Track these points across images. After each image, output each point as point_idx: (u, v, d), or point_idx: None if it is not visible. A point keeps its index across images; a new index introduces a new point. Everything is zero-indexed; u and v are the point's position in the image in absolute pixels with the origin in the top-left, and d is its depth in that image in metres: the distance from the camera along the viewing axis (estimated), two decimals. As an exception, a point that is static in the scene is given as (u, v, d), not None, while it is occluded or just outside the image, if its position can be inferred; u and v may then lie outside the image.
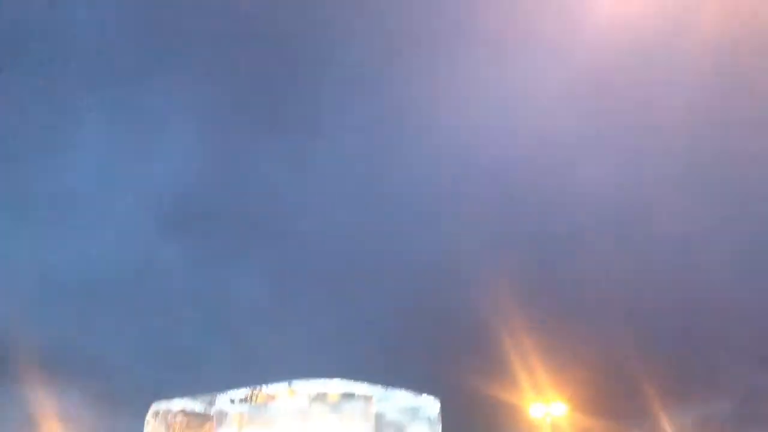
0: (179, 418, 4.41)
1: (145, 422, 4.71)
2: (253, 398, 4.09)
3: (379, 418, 4.23)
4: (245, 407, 4.01)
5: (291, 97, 42.45)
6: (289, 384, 4.38)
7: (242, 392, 4.33)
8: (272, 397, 4.18)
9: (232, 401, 4.24)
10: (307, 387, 4.57)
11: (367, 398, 4.23)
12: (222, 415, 4.07)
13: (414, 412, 4.28)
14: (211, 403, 4.46)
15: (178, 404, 4.52)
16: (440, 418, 4.47)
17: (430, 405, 4.64)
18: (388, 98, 39.99)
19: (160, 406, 4.54)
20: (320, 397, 4.39)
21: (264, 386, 4.03)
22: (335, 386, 4.20)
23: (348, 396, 4.18)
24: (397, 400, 4.49)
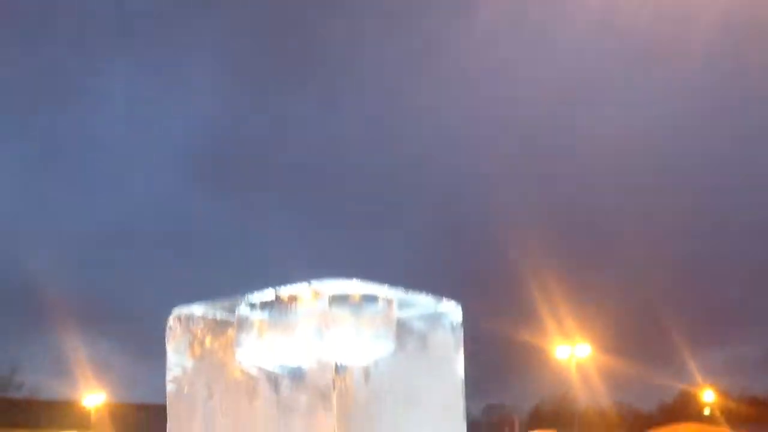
0: (201, 324, 1.16)
1: (167, 328, 1.14)
2: (273, 302, 1.06)
3: (400, 324, 1.05)
4: (266, 312, 1.02)
5: (321, 35, 43.57)
6: (309, 284, 1.04)
7: (262, 296, 1.04)
8: (293, 299, 1.00)
9: (253, 306, 1.06)
10: (327, 288, 1.01)
11: (389, 301, 1.07)
12: (243, 321, 1.04)
13: (436, 319, 1.12)
14: (232, 309, 1.13)
15: (199, 310, 1.15)
16: (462, 325, 1.19)
17: (453, 311, 1.14)
18: (422, 33, 40.31)
19: (181, 311, 1.14)
20: (341, 299, 1.03)
21: (284, 288, 1.07)
22: (355, 287, 1.03)
23: (369, 298, 1.02)
24: (418, 306, 1.14)
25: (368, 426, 0.84)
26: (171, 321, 0.96)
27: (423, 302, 0.98)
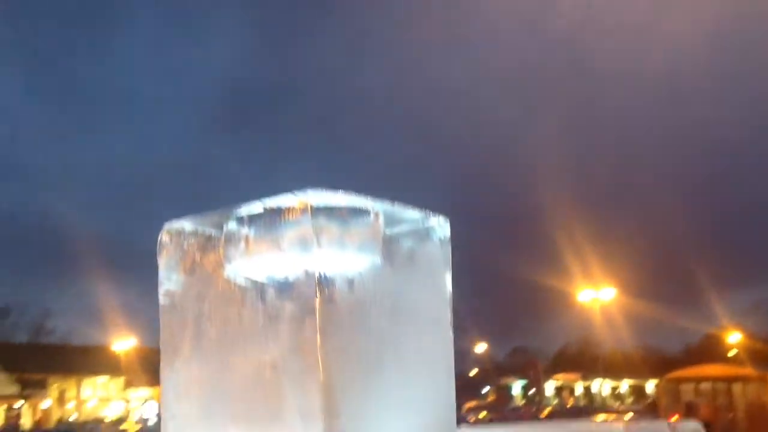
0: (191, 239, 1.14)
1: (158, 243, 1.15)
2: (260, 215, 1.09)
3: (387, 236, 1.11)
4: (253, 225, 1.06)
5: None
6: (294, 195, 1.11)
7: (249, 209, 1.07)
8: (278, 212, 1.03)
9: (240, 220, 1.09)
10: (312, 199, 1.03)
11: (376, 214, 1.11)
12: (230, 235, 1.06)
13: (424, 233, 1.18)
14: (221, 223, 1.12)
15: (189, 225, 1.15)
16: (450, 240, 1.27)
17: (441, 226, 1.21)
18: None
19: (172, 226, 1.18)
20: (326, 211, 1.05)
21: (269, 200, 1.10)
22: (342, 199, 1.06)
23: (355, 210, 1.07)
24: (406, 220, 1.17)
25: (352, 335, 0.87)
26: (162, 236, 0.98)
27: (411, 216, 0.99)
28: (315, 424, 0.82)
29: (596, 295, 32.80)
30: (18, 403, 29.60)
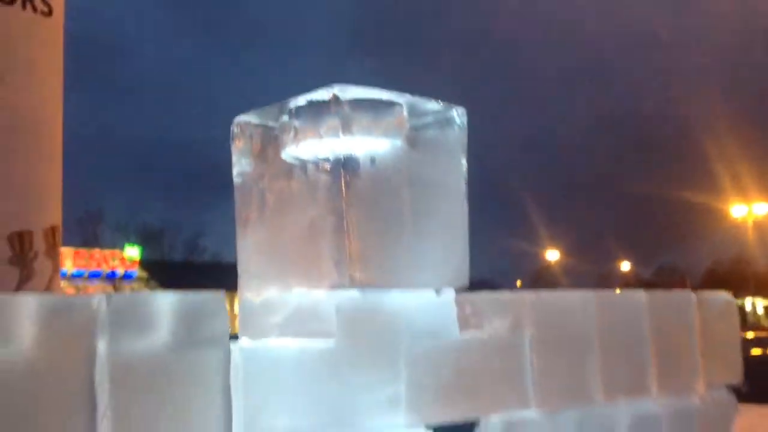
0: (255, 128, 1.36)
1: (231, 133, 1.36)
2: (305, 107, 1.26)
3: (410, 125, 1.27)
4: (299, 116, 1.24)
5: None
6: (332, 90, 1.27)
7: (296, 102, 1.24)
8: (319, 105, 1.24)
9: (290, 111, 1.28)
10: (346, 92, 1.22)
11: (400, 105, 1.31)
12: (283, 124, 1.26)
13: (445, 120, 1.35)
14: (277, 116, 1.31)
15: (254, 117, 1.34)
16: (467, 127, 1.37)
17: (459, 115, 1.32)
18: None
19: (240, 119, 1.36)
20: (357, 103, 1.24)
21: (312, 94, 1.24)
22: (371, 93, 1.24)
23: (382, 102, 1.27)
24: (429, 111, 1.33)
25: (374, 200, 1.09)
26: (234, 128, 1.23)
27: (433, 107, 1.19)
28: (343, 268, 1.06)
29: (749, 210, 31.59)
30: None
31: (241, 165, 1.23)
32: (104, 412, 0.85)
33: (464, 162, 1.20)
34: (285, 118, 1.16)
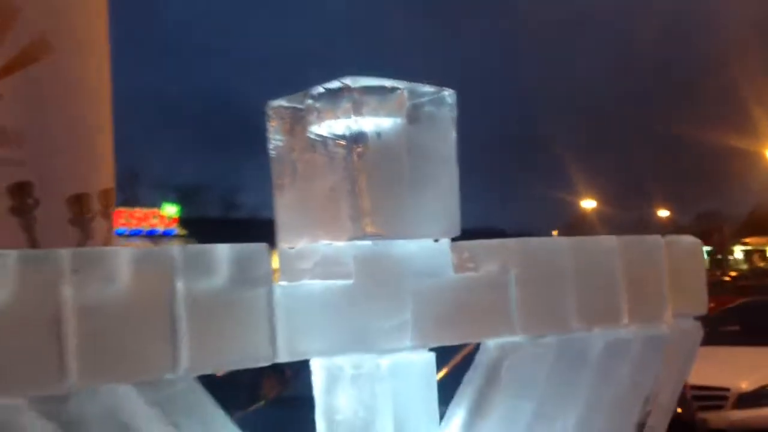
0: (286, 110, 1.65)
1: (266, 114, 1.65)
2: (323, 93, 1.55)
3: (409, 106, 1.55)
4: (320, 101, 1.54)
5: None
6: (344, 79, 1.54)
7: (318, 89, 1.53)
8: (335, 91, 1.52)
9: (313, 96, 1.58)
10: (356, 81, 1.54)
11: (402, 90, 1.59)
12: (308, 107, 1.55)
13: (438, 102, 1.58)
14: (304, 99, 1.62)
15: (285, 101, 1.62)
16: (456, 106, 1.62)
17: (450, 96, 1.58)
18: None
19: (273, 103, 1.65)
20: (366, 89, 1.55)
21: (329, 83, 1.54)
22: (377, 81, 1.54)
23: (386, 88, 1.54)
24: (426, 93, 1.60)
25: (380, 168, 1.38)
26: (268, 110, 1.52)
27: (429, 90, 1.47)
28: (358, 223, 1.36)
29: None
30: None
31: (275, 141, 1.52)
32: (182, 337, 1.16)
33: (454, 134, 1.48)
34: (309, 102, 1.44)
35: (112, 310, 1.11)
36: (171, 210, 35.13)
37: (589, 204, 52.38)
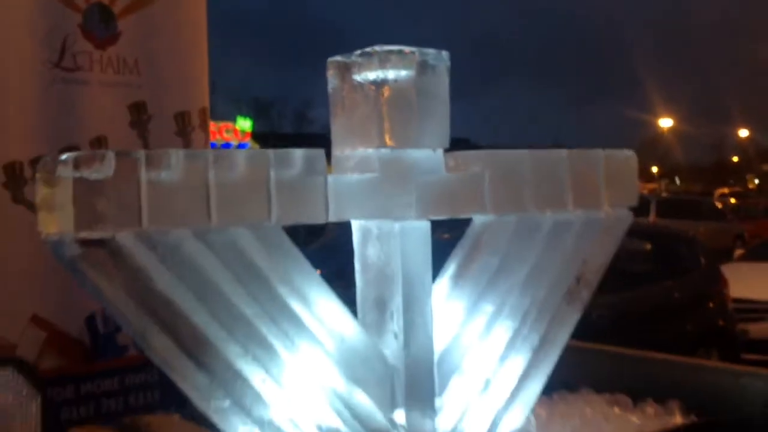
0: (343, 65, 2.49)
1: (326, 67, 2.58)
2: (362, 55, 2.41)
3: (418, 62, 2.36)
4: (361, 58, 2.37)
5: None
6: (374, 48, 2.42)
7: (358, 53, 2.42)
8: (369, 53, 2.35)
9: (356, 56, 2.40)
10: (384, 48, 2.40)
11: (413, 53, 2.38)
12: (352, 63, 2.42)
13: (437, 59, 2.40)
14: (350, 58, 2.45)
15: (339, 58, 2.47)
16: (449, 60, 2.47)
17: (445, 56, 2.39)
18: None
19: (331, 59, 2.54)
20: (390, 53, 2.38)
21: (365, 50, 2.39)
22: (395, 47, 2.36)
23: (401, 52, 2.37)
24: (430, 54, 2.40)
25: (397, 104, 2.20)
26: (328, 63, 2.33)
27: (432, 52, 2.27)
28: (382, 138, 2.19)
29: None
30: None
31: (332, 83, 2.34)
32: (274, 202, 2.03)
33: (447, 79, 2.29)
34: (353, 58, 2.26)
35: (234, 184, 1.98)
36: (245, 124, 36.41)
37: (666, 123, 51.80)
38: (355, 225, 2.32)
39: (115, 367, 4.24)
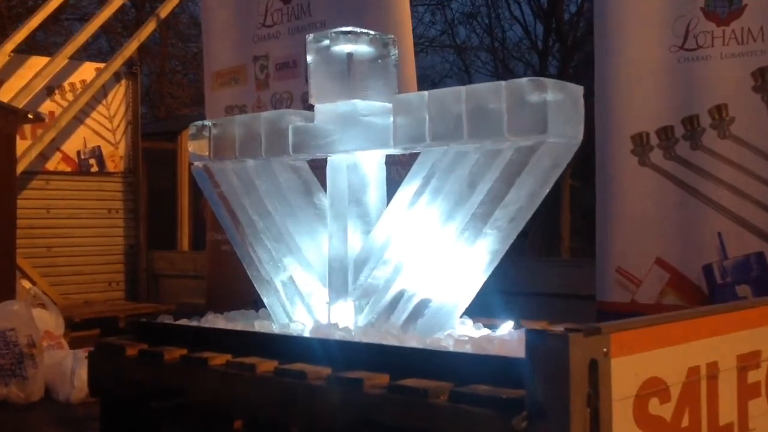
0: (334, 39, 5.49)
1: (307, 45, 5.86)
2: (341, 33, 4.71)
3: (377, 42, 4.15)
4: (334, 36, 4.88)
5: None
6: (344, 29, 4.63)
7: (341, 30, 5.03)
8: (342, 33, 5.48)
9: (331, 34, 5.49)
10: (351, 30, 5.03)
11: (375, 36, 4.00)
12: (329, 38, 5.42)
13: (391, 41, 4.18)
14: (327, 35, 5.13)
15: (318, 35, 5.60)
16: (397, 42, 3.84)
17: (393, 40, 3.68)
18: None
19: (309, 36, 5.73)
20: (358, 33, 5.00)
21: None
22: (357, 29, 4.02)
23: (367, 33, 4.11)
24: (384, 39, 3.92)
25: (369, 69, 3.19)
26: (308, 40, 3.41)
27: (380, 37, 3.12)
28: (352, 89, 3.24)
29: None
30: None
31: (311, 55, 3.30)
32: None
33: (396, 51, 3.12)
34: (331, 36, 3.23)
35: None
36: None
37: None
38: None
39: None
